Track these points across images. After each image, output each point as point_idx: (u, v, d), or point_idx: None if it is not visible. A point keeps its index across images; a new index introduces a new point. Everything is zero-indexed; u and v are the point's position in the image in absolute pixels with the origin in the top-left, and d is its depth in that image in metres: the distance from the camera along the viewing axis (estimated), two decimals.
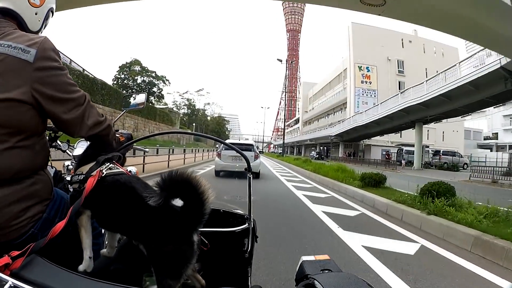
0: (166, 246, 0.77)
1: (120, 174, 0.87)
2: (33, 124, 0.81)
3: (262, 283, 2.13)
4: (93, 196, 0.81)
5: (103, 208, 0.85)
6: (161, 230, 0.78)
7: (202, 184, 0.78)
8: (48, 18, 1.00)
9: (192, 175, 0.79)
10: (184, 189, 0.78)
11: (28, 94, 0.77)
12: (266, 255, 2.80)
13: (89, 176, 0.84)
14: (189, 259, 0.78)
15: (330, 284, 0.64)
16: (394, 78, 42.22)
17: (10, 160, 0.76)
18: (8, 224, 0.76)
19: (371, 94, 41.75)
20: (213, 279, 1.01)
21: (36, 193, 0.83)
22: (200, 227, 0.81)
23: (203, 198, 0.78)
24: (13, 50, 0.77)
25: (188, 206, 0.79)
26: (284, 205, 6.01)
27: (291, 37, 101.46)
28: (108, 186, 0.84)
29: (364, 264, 2.82)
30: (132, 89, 43.81)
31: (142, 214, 0.79)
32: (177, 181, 0.78)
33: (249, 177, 1.26)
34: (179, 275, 0.76)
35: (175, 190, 0.78)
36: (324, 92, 56.19)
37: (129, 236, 0.89)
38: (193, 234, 0.79)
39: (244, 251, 1.17)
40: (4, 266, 0.60)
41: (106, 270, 0.91)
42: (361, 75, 41.94)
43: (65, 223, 0.74)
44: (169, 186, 0.77)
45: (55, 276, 0.63)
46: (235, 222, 1.29)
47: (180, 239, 0.78)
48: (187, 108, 63.28)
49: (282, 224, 4.27)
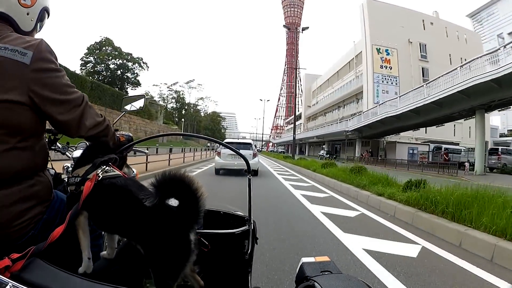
0: (163, 245, 0.77)
1: (116, 177, 0.87)
2: (32, 125, 0.81)
3: (262, 285, 2.11)
4: (90, 199, 0.81)
5: (100, 211, 0.83)
6: (157, 230, 0.78)
7: (195, 182, 0.79)
8: (43, 19, 0.99)
9: (185, 175, 0.80)
10: (178, 188, 0.78)
11: (25, 96, 0.78)
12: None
13: (85, 179, 0.84)
14: (186, 258, 0.78)
15: (330, 286, 0.64)
16: (417, 64, 35.66)
17: (10, 161, 0.77)
18: (9, 225, 0.77)
19: (392, 81, 34.96)
20: (213, 281, 1.01)
21: (36, 194, 0.83)
22: (197, 226, 0.83)
23: (197, 196, 0.79)
24: (9, 52, 0.78)
25: (183, 205, 0.79)
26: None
27: (289, 31, 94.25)
28: (104, 190, 0.83)
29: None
30: (104, 76, 36.22)
31: (139, 216, 0.79)
32: (170, 180, 0.79)
33: (249, 179, 1.25)
34: (177, 274, 0.77)
35: (169, 190, 0.79)
36: (331, 83, 49.56)
37: (127, 237, 0.88)
38: (190, 233, 0.80)
39: (244, 253, 1.16)
40: (4, 268, 0.60)
41: (106, 271, 0.89)
42: (380, 59, 35.00)
43: (64, 227, 0.74)
44: (163, 185, 0.78)
45: (55, 278, 0.63)
46: (235, 223, 1.26)
47: (177, 238, 0.78)
48: (175, 101, 55.79)
49: None
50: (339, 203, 5.91)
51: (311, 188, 8.07)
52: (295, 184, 8.62)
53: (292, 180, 9.78)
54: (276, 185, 8.48)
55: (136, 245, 0.81)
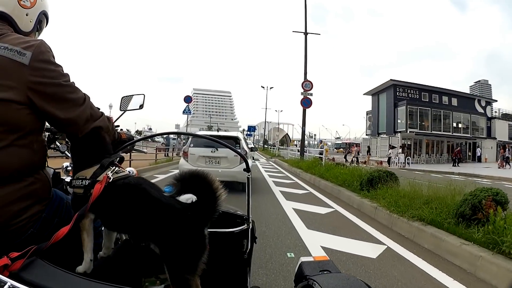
0: (181, 241, 0.78)
1: (127, 177, 0.86)
2: (30, 123, 0.81)
3: (261, 284, 2.10)
4: (100, 201, 0.80)
5: (114, 212, 0.83)
6: (176, 227, 0.79)
7: (215, 182, 0.83)
8: (41, 22, 1.02)
9: (207, 173, 0.84)
10: (199, 185, 0.83)
11: (23, 95, 0.78)
12: None
13: (95, 181, 0.82)
14: (203, 252, 0.80)
15: (329, 285, 0.64)
16: None
17: (8, 158, 0.77)
18: (7, 224, 0.76)
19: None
20: (212, 280, 1.00)
21: (35, 193, 0.83)
22: (210, 222, 0.84)
23: (216, 196, 0.83)
24: (9, 52, 0.78)
25: (202, 201, 0.82)
26: None
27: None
28: (119, 191, 0.83)
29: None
30: None
31: (156, 214, 0.80)
32: (192, 177, 0.84)
33: (248, 177, 1.21)
34: (195, 268, 0.78)
35: (191, 185, 0.84)
36: None
37: (141, 237, 0.87)
38: (205, 229, 0.83)
39: (243, 252, 1.15)
40: (3, 267, 0.59)
41: (106, 271, 0.89)
42: None
43: (69, 228, 0.73)
44: (185, 181, 0.84)
45: (54, 278, 0.62)
46: (234, 223, 1.24)
47: (195, 233, 0.80)
48: None
49: None
50: None
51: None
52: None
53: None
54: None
55: (149, 245, 0.82)
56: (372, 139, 31.21)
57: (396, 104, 27.86)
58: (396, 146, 27.48)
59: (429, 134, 27.83)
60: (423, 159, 26.38)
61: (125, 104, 1.60)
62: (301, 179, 9.62)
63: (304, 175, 9.93)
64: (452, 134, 28.70)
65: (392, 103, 28.01)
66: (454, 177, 10.56)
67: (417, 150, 28.00)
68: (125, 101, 1.61)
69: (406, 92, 28.30)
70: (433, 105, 28.33)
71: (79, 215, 0.77)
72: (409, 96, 28.13)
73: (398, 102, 27.83)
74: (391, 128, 28.25)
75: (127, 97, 1.63)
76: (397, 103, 27.82)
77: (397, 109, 27.89)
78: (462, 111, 29.05)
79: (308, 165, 10.58)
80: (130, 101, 1.60)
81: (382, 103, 30.24)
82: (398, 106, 27.87)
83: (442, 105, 28.79)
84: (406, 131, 26.77)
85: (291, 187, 7.56)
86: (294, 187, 7.74)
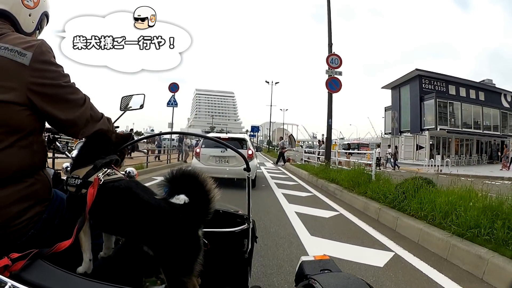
0: (174, 244, 0.77)
1: (118, 180, 0.85)
2: (31, 124, 0.81)
3: (262, 284, 2.11)
4: (93, 205, 0.79)
5: (105, 215, 0.82)
6: (167, 230, 0.78)
7: (208, 183, 0.81)
8: (42, 22, 1.01)
9: (199, 173, 0.82)
10: (191, 184, 0.80)
11: (23, 96, 0.78)
12: None
13: (86, 182, 0.82)
14: (198, 254, 0.80)
15: (330, 285, 0.64)
16: None
17: (9, 160, 0.76)
18: (8, 225, 0.76)
19: None
20: (213, 279, 1.01)
21: (35, 194, 0.83)
22: (204, 223, 0.83)
23: (209, 197, 0.80)
24: (9, 52, 0.77)
25: (194, 202, 0.80)
26: None
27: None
28: (108, 194, 0.81)
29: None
30: None
31: (147, 218, 0.79)
32: (183, 177, 0.82)
33: (248, 177, 1.23)
34: (191, 270, 0.78)
35: (182, 185, 0.81)
36: None
37: (133, 240, 0.86)
38: (199, 230, 0.82)
39: (244, 252, 1.16)
40: (3, 267, 0.60)
41: (106, 271, 0.90)
42: None
43: (71, 242, 0.73)
44: (176, 182, 0.81)
45: (55, 278, 0.63)
46: (234, 222, 1.26)
47: (188, 235, 0.79)
48: None
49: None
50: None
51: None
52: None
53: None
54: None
55: (142, 247, 0.79)
56: (394, 139, 27.20)
57: (422, 97, 24.11)
58: (424, 146, 23.82)
59: (462, 132, 24.17)
60: (454, 161, 22.76)
61: (125, 104, 1.62)
62: (345, 205, 5.36)
63: (348, 197, 5.69)
64: (483, 132, 25.33)
65: (418, 96, 24.25)
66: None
67: (446, 150, 24.48)
68: (125, 101, 1.62)
69: (432, 84, 24.59)
70: (462, 99, 24.85)
71: (79, 227, 0.77)
72: (435, 88, 24.49)
73: (424, 95, 24.12)
74: (417, 125, 24.47)
75: (127, 97, 1.66)
76: (423, 97, 24.08)
77: (424, 103, 24.17)
78: (491, 106, 25.72)
79: (349, 178, 6.36)
80: (130, 101, 1.62)
81: (404, 97, 26.43)
82: (424, 100, 24.11)
83: (470, 99, 25.37)
84: (435, 128, 23.01)
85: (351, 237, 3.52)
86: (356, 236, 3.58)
